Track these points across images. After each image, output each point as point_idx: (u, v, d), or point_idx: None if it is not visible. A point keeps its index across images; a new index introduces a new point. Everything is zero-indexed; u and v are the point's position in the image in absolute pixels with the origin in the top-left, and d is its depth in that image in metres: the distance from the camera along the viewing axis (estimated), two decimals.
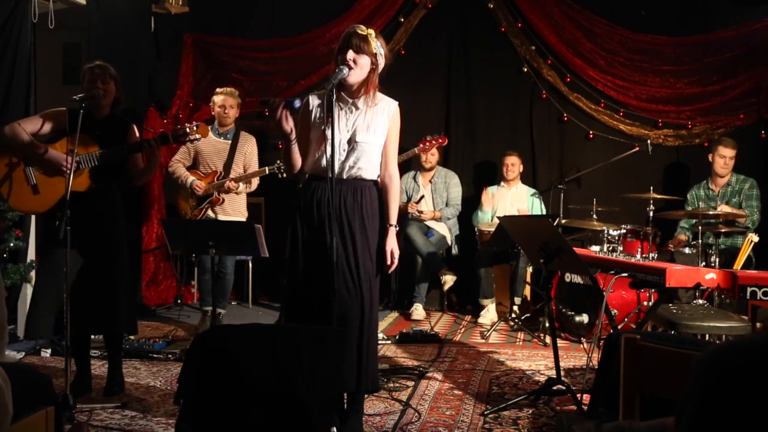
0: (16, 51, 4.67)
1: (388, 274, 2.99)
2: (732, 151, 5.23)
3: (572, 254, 3.20)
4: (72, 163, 3.09)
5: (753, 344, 1.25)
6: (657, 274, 3.17)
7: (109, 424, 3.08)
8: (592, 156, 5.99)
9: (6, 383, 1.73)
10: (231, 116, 5.22)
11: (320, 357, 2.37)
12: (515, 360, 4.35)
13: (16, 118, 4.57)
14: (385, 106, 2.88)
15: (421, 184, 5.95)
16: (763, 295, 2.94)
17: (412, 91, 6.15)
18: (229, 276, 5.15)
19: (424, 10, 6.21)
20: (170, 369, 3.99)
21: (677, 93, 5.94)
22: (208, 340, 2.44)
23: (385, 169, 2.93)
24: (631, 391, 1.99)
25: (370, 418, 3.16)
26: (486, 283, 5.57)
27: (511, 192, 5.84)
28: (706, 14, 5.89)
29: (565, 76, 6.06)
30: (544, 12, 6.02)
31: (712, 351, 1.26)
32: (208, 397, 2.34)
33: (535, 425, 3.14)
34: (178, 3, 6.12)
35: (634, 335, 2.03)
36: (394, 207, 2.93)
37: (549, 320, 4.31)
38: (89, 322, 3.39)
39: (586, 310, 4.83)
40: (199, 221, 4.92)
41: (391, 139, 2.90)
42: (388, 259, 2.88)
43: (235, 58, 6.42)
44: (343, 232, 2.78)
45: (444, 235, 5.84)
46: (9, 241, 4.33)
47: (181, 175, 5.15)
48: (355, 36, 2.75)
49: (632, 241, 4.97)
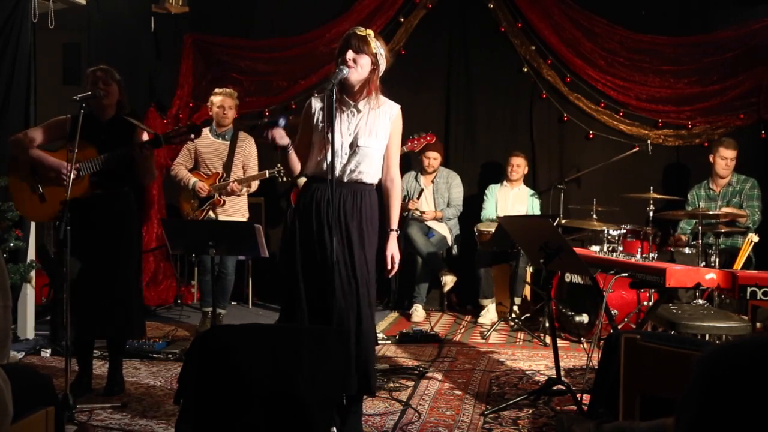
0: (16, 51, 4.67)
1: (389, 278, 2.97)
2: (733, 152, 5.22)
3: (572, 254, 3.20)
4: (71, 168, 3.09)
5: (753, 344, 1.25)
6: (657, 274, 3.17)
7: (109, 424, 3.08)
8: (592, 156, 5.99)
9: (6, 383, 1.73)
10: (229, 117, 5.22)
11: (320, 357, 2.37)
12: (515, 360, 4.35)
13: (16, 119, 4.62)
14: (387, 109, 2.87)
15: (423, 184, 5.95)
16: (763, 295, 2.94)
17: (412, 91, 6.15)
18: (230, 276, 5.15)
19: (424, 10, 6.21)
20: (170, 369, 3.99)
21: (677, 93, 5.94)
22: (208, 340, 2.45)
23: (387, 173, 2.92)
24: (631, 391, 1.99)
25: (370, 418, 3.16)
26: (486, 283, 5.57)
27: (514, 192, 5.84)
28: (706, 14, 5.89)
29: (565, 76, 6.06)
30: (544, 12, 6.02)
31: (712, 351, 1.26)
32: (208, 397, 2.34)
33: (535, 425, 3.14)
34: (178, 3, 6.13)
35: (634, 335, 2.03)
36: (396, 211, 2.93)
37: (549, 320, 4.31)
38: (97, 325, 3.42)
39: (586, 310, 4.83)
40: (199, 221, 4.93)
41: (392, 143, 2.90)
42: (389, 263, 2.88)
43: (235, 58, 6.42)
44: (341, 235, 2.78)
45: (444, 236, 5.84)
46: (9, 241, 4.33)
47: (183, 177, 5.15)
48: (354, 37, 2.75)
49: (632, 241, 4.98)
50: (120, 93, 3.55)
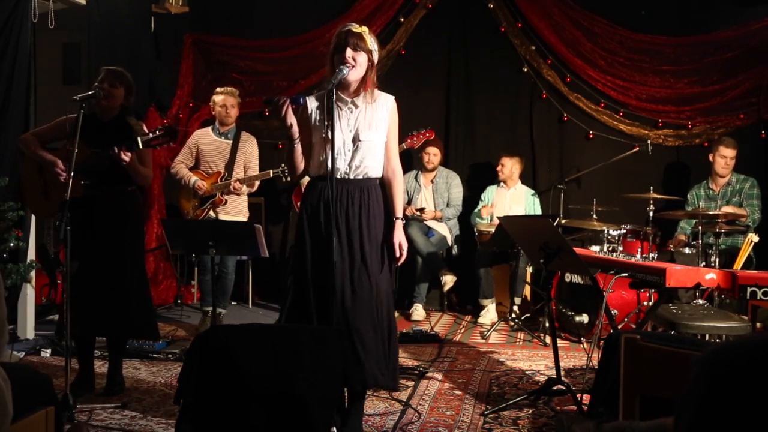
0: (16, 51, 4.67)
1: (397, 267, 2.97)
2: (732, 152, 5.23)
3: (572, 254, 3.20)
4: (71, 168, 3.09)
5: (753, 344, 1.24)
6: (657, 274, 3.17)
7: (109, 424, 3.08)
8: (592, 156, 5.99)
9: (6, 383, 1.73)
10: (232, 115, 5.23)
11: (320, 357, 2.38)
12: (515, 360, 4.35)
13: (16, 119, 4.63)
14: (383, 102, 2.88)
15: (423, 183, 5.95)
16: (763, 295, 2.94)
17: (412, 91, 6.15)
18: (230, 276, 5.15)
19: (424, 10, 6.21)
20: (170, 369, 3.99)
21: (677, 93, 5.94)
22: (208, 340, 2.45)
23: (388, 164, 2.92)
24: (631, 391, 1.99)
25: (370, 418, 3.16)
26: (486, 283, 5.57)
27: (510, 193, 5.84)
28: (706, 14, 5.89)
29: (565, 76, 6.06)
30: (544, 12, 6.02)
31: (711, 351, 1.26)
32: (208, 397, 2.34)
33: (535, 425, 3.14)
34: (178, 3, 6.13)
35: (634, 335, 2.03)
36: (400, 200, 2.94)
37: (549, 320, 4.30)
38: (97, 323, 3.43)
39: (586, 310, 4.83)
40: (199, 221, 4.92)
41: (391, 134, 2.91)
42: (397, 251, 2.88)
43: (235, 58, 6.42)
44: (352, 232, 2.78)
45: (444, 236, 5.84)
46: (9, 241, 4.33)
47: (183, 175, 5.15)
48: (351, 35, 2.75)
49: (632, 241, 4.97)
50: (126, 98, 3.56)
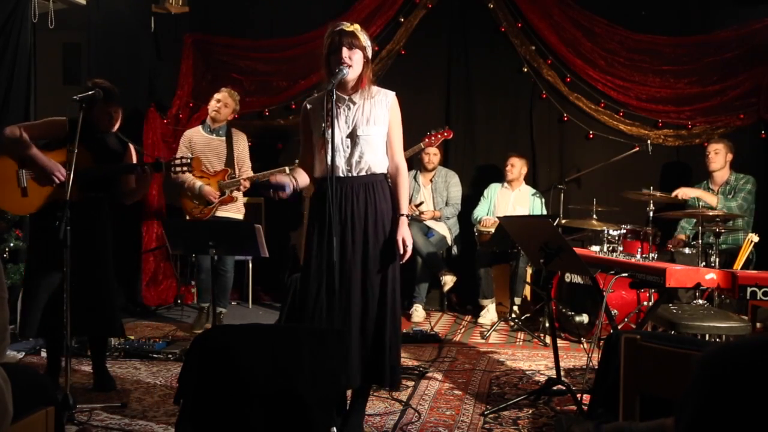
0: (16, 51, 4.68)
1: (402, 264, 2.96)
2: (716, 145, 5.24)
3: (572, 254, 3.20)
4: (72, 169, 3.09)
5: (753, 344, 1.24)
6: (657, 274, 3.17)
7: (109, 424, 3.08)
8: (592, 156, 5.99)
9: (6, 383, 1.72)
10: (222, 113, 5.17)
11: (320, 357, 2.37)
12: (515, 360, 4.35)
13: (16, 118, 4.62)
14: (382, 97, 2.87)
15: (422, 183, 5.95)
16: (763, 295, 2.94)
17: (412, 91, 6.14)
18: (229, 274, 5.14)
19: (424, 10, 6.21)
20: (170, 369, 3.99)
21: (677, 93, 5.94)
22: (208, 340, 2.45)
23: (392, 160, 2.92)
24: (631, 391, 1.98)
25: (370, 418, 3.16)
26: (486, 283, 5.57)
27: (514, 194, 5.84)
28: (706, 14, 5.89)
29: (565, 76, 6.06)
30: (544, 12, 6.02)
31: (711, 351, 1.26)
32: (208, 397, 2.34)
33: (535, 425, 3.14)
34: (178, 3, 6.13)
35: (634, 335, 2.03)
36: (404, 197, 2.92)
37: (549, 320, 4.30)
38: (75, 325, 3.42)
39: (586, 310, 4.83)
40: (199, 221, 4.92)
41: (393, 129, 2.89)
42: (401, 248, 2.86)
43: (235, 58, 6.42)
44: (356, 230, 2.78)
45: (444, 236, 5.84)
46: (9, 241, 4.33)
47: (187, 180, 5.02)
48: (344, 34, 2.74)
49: (632, 241, 4.97)
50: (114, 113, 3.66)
